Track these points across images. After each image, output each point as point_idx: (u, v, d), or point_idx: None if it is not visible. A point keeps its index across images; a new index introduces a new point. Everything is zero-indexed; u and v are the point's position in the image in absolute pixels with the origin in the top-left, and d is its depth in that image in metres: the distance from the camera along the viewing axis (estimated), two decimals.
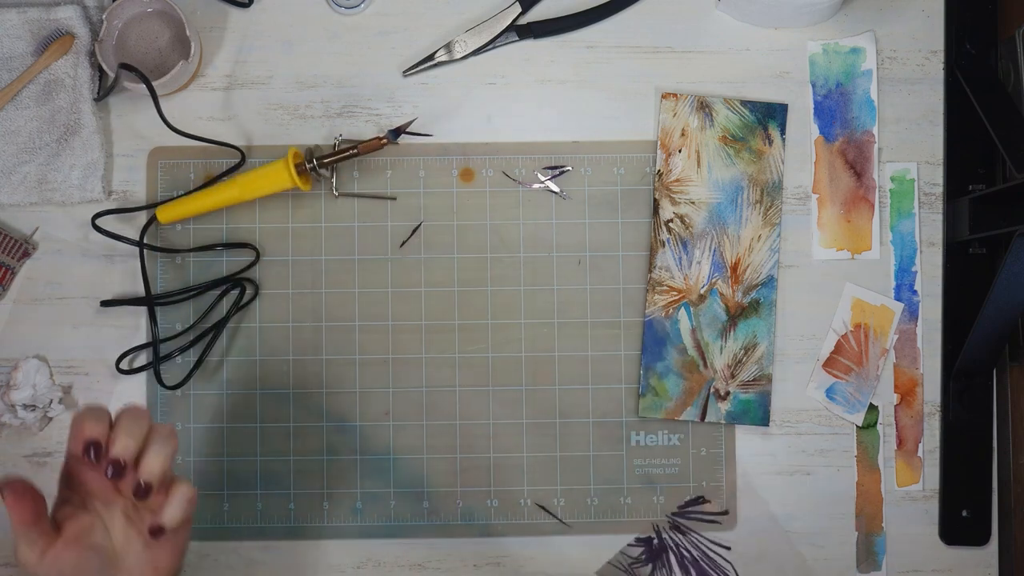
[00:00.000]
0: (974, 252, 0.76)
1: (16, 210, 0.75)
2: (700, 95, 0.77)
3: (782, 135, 0.77)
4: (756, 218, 0.76)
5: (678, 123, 0.76)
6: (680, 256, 0.76)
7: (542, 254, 0.76)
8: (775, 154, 0.76)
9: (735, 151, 0.76)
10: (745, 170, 0.76)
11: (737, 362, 0.75)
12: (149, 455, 0.55)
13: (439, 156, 0.76)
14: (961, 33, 0.78)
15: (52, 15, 0.74)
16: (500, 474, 0.75)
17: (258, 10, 0.77)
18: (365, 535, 0.74)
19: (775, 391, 0.76)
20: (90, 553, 0.56)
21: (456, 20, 0.77)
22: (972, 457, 0.76)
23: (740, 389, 0.75)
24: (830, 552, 0.75)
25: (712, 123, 0.76)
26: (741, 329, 0.75)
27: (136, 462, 0.54)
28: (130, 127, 0.76)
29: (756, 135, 0.77)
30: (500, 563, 0.75)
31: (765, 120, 0.77)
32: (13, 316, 0.75)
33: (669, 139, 0.76)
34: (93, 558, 0.56)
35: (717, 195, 0.76)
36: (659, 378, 0.75)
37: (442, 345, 0.75)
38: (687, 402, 0.75)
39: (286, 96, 0.77)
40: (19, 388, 0.72)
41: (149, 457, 0.55)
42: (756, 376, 0.75)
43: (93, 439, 0.54)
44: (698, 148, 0.76)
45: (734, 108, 0.76)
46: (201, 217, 0.75)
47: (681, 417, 0.75)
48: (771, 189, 0.76)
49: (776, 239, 0.76)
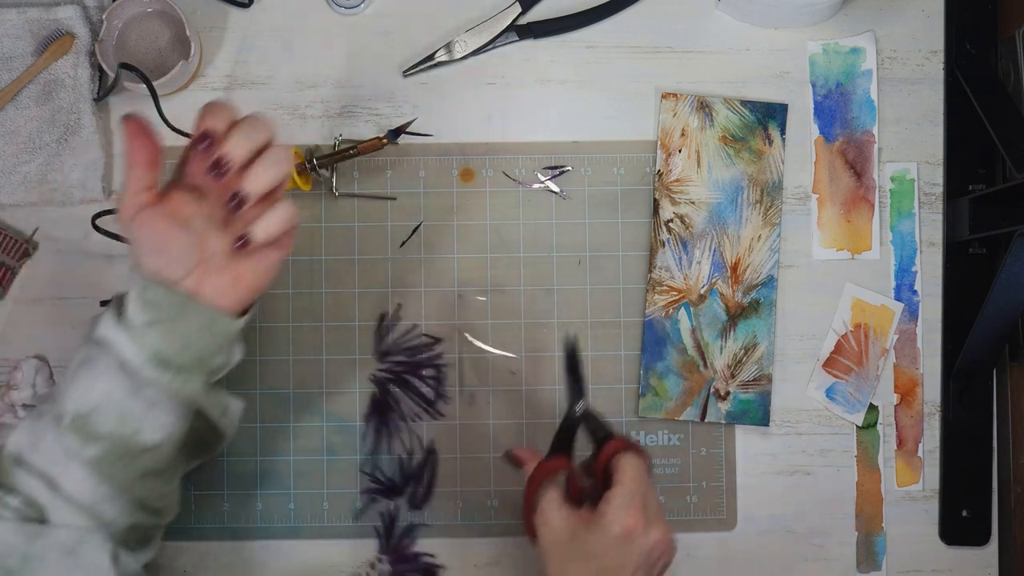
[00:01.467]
0: (974, 252, 0.76)
1: (16, 210, 0.75)
2: (700, 95, 0.77)
3: (782, 135, 0.77)
4: (756, 218, 0.76)
5: (678, 123, 0.76)
6: (680, 256, 0.76)
7: (542, 254, 0.76)
8: (775, 154, 0.76)
9: (735, 151, 0.76)
10: (745, 170, 0.76)
11: (737, 362, 0.75)
12: (256, 167, 0.55)
13: (439, 156, 0.76)
14: (961, 33, 0.78)
15: (52, 15, 0.74)
16: (500, 474, 0.75)
17: (258, 10, 0.77)
18: (365, 535, 0.74)
19: (775, 391, 0.76)
20: (180, 231, 0.55)
21: (456, 20, 0.77)
22: (972, 457, 0.76)
23: (740, 389, 0.75)
24: (830, 552, 0.75)
25: (712, 123, 0.76)
26: (741, 329, 0.75)
27: (245, 171, 0.55)
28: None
29: (756, 135, 0.77)
30: (500, 563, 0.75)
31: (765, 120, 0.77)
32: (13, 316, 0.75)
33: (669, 139, 0.76)
34: (181, 238, 0.55)
35: (717, 195, 0.76)
36: (659, 378, 0.75)
37: (446, 346, 0.75)
38: (687, 402, 0.75)
39: (286, 96, 0.77)
40: (19, 388, 0.72)
41: (255, 169, 0.55)
42: (756, 376, 0.75)
43: (209, 130, 0.54)
44: (698, 148, 0.76)
45: (734, 108, 0.76)
46: None
47: (681, 417, 0.75)
48: (771, 189, 0.76)
49: (776, 239, 0.76)
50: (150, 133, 0.55)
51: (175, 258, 0.56)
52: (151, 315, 0.55)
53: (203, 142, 0.54)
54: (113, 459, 0.55)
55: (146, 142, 0.55)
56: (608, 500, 0.57)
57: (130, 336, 0.55)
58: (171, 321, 0.55)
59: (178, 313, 0.56)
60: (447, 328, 0.75)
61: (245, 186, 0.54)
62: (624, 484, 0.58)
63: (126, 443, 0.56)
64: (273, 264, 0.59)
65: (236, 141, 0.54)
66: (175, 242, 0.56)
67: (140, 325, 0.55)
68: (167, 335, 0.56)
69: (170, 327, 0.55)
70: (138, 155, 0.55)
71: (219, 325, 0.57)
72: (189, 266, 0.56)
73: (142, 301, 0.56)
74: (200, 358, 0.57)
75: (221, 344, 0.58)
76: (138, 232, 0.56)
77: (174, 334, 0.56)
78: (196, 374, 0.57)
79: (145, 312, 0.55)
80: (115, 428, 0.55)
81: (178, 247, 0.56)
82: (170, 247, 0.56)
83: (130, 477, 0.56)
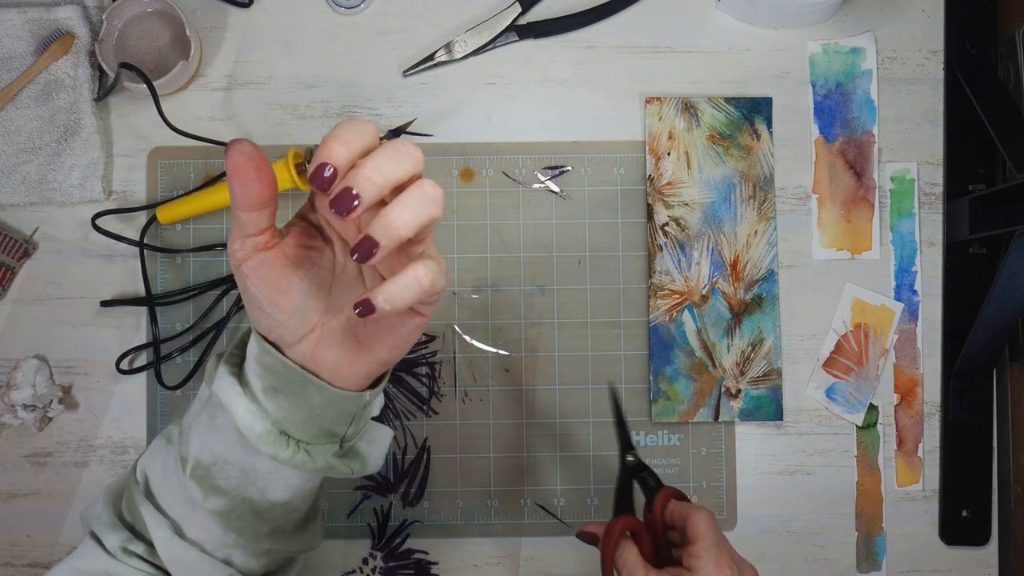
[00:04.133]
0: (974, 252, 0.76)
1: (16, 210, 0.75)
2: (684, 96, 0.76)
3: (769, 129, 0.76)
4: (751, 214, 0.76)
5: (664, 126, 0.76)
6: (679, 259, 0.76)
7: (542, 254, 0.76)
8: (764, 148, 0.76)
9: (724, 149, 0.76)
10: (736, 167, 0.76)
11: (745, 359, 0.75)
12: (396, 205, 0.41)
13: (439, 156, 0.76)
14: (961, 33, 0.78)
15: (52, 15, 0.74)
16: (500, 474, 0.75)
17: (258, 10, 0.77)
18: (364, 535, 0.74)
19: None
20: (293, 285, 0.46)
21: (456, 20, 0.77)
22: (972, 457, 0.76)
23: (751, 386, 0.75)
24: (830, 552, 0.76)
25: (698, 123, 0.76)
26: (746, 326, 0.75)
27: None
28: (130, 127, 0.76)
29: (743, 131, 0.76)
30: (500, 563, 0.75)
31: (751, 115, 0.76)
32: (13, 316, 0.75)
33: (657, 143, 0.76)
34: (293, 294, 0.46)
35: (710, 194, 0.76)
36: (669, 382, 0.75)
37: (440, 344, 0.75)
38: (699, 403, 0.75)
39: (286, 96, 0.77)
40: (19, 388, 0.72)
41: (395, 208, 0.41)
42: (766, 371, 0.75)
43: (330, 161, 0.41)
44: (687, 149, 0.76)
45: (719, 106, 0.76)
46: (201, 217, 0.75)
47: (695, 419, 0.75)
48: (763, 183, 0.76)
49: (773, 232, 0.76)
50: (258, 165, 0.43)
51: (287, 318, 0.47)
52: (269, 382, 0.48)
53: (324, 171, 0.41)
54: (240, 512, 0.51)
55: (251, 179, 0.43)
56: (695, 555, 0.55)
57: (249, 402, 0.48)
58: (291, 395, 0.48)
59: (299, 387, 0.48)
60: (441, 327, 0.75)
61: (373, 227, 0.41)
62: (705, 537, 0.55)
63: (251, 500, 0.50)
64: (408, 333, 0.47)
65: (365, 173, 0.41)
66: (286, 298, 0.46)
67: (259, 391, 0.48)
68: (289, 406, 0.48)
69: (291, 400, 0.48)
70: (242, 196, 0.43)
71: (346, 402, 0.49)
72: (301, 331, 0.47)
73: (260, 365, 0.48)
74: (327, 431, 0.49)
75: (349, 416, 0.50)
76: (245, 282, 0.46)
77: (296, 407, 0.48)
78: (322, 446, 0.50)
79: (263, 379, 0.48)
80: (237, 485, 0.50)
81: (290, 305, 0.47)
82: (281, 304, 0.46)
83: (261, 530, 0.52)
